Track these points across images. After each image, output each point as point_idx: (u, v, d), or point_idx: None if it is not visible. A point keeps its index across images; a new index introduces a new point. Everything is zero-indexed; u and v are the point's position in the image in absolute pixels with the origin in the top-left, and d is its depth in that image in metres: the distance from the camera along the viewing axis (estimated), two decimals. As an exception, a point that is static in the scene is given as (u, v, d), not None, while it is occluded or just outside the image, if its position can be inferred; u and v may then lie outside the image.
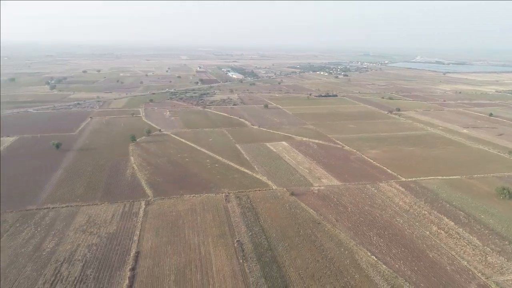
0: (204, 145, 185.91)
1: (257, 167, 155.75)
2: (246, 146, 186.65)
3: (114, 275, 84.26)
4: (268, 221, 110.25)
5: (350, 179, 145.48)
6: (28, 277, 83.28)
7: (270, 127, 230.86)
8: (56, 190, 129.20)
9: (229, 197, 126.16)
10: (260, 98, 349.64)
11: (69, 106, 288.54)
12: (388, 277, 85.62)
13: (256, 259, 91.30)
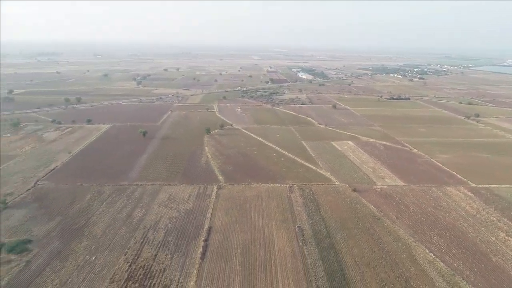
0: (271, 140, 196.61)
1: (321, 163, 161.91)
2: (311, 143, 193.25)
3: (190, 243, 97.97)
4: (329, 212, 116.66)
5: (415, 180, 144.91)
6: (122, 236, 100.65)
7: (336, 126, 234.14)
8: (143, 170, 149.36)
9: (292, 188, 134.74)
10: (329, 99, 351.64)
11: (152, 100, 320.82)
12: (444, 274, 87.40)
13: (315, 244, 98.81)
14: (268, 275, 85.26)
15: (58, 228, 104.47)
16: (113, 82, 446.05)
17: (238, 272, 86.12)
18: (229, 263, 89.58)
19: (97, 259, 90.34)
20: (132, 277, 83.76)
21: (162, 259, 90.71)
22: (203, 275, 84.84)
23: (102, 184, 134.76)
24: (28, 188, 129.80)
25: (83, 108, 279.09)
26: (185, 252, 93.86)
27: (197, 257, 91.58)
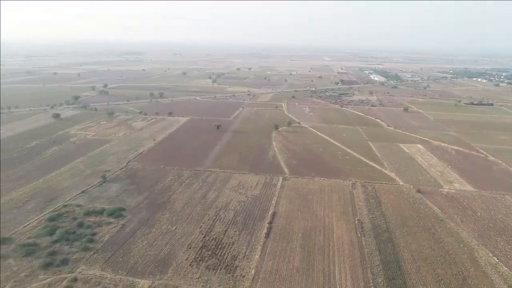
0: (337, 139, 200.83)
1: (387, 163, 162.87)
2: (378, 144, 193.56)
3: (256, 224, 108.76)
4: (390, 210, 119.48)
5: (486, 187, 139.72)
6: (198, 213, 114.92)
7: (406, 129, 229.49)
8: (217, 159, 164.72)
9: (355, 185, 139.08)
10: (400, 102, 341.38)
11: (226, 97, 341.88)
12: (507, 278, 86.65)
13: (373, 236, 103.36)
14: (326, 258, 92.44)
15: (145, 201, 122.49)
16: (191, 80, 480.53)
17: (298, 252, 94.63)
18: (290, 244, 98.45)
19: (177, 228, 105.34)
20: (205, 246, 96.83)
21: (231, 235, 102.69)
22: (266, 251, 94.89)
23: (181, 168, 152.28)
24: (122, 167, 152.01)
25: (165, 102, 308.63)
26: (251, 231, 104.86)
27: (261, 236, 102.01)
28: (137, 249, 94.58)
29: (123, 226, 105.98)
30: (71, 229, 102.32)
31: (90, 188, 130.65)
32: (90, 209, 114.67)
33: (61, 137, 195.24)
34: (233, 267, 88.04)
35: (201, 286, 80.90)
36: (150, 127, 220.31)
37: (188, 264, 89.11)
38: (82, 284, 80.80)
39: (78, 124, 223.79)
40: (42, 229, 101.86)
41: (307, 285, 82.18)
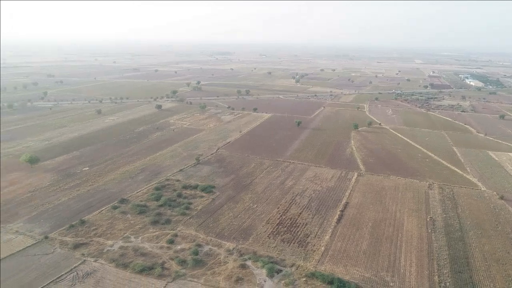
0: (418, 142, 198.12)
1: (470, 169, 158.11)
2: (463, 150, 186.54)
3: (329, 211, 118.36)
4: (466, 212, 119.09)
5: None
6: (276, 196, 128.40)
7: (499, 137, 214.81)
8: (295, 152, 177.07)
9: (432, 186, 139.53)
10: (497, 108, 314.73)
11: (308, 97, 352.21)
12: None
13: (444, 233, 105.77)
14: (393, 246, 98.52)
15: (232, 182, 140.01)
16: (275, 79, 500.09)
17: (366, 238, 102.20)
18: (360, 231, 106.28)
19: (257, 207, 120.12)
20: (281, 223, 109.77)
21: (305, 217, 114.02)
22: (336, 234, 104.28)
23: (263, 158, 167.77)
24: (212, 153, 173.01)
25: (251, 99, 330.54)
26: (324, 216, 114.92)
27: (333, 221, 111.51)
28: (224, 219, 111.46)
29: (213, 200, 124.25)
30: (172, 198, 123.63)
31: (186, 168, 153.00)
32: (187, 184, 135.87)
33: (163, 124, 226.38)
34: (305, 243, 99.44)
35: (276, 253, 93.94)
36: (236, 121, 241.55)
37: (266, 235, 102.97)
38: (181, 239, 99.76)
39: (176, 115, 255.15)
40: (151, 195, 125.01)
41: (372, 265, 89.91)
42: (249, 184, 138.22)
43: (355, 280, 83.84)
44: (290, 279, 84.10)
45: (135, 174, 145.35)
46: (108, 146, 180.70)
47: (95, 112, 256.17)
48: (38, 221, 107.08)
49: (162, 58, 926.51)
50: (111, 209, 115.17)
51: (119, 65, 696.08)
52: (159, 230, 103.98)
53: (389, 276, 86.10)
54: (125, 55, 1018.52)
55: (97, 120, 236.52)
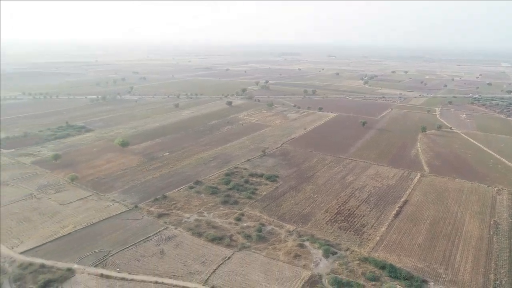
0: (492, 148, 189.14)
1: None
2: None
3: (387, 206, 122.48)
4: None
5: None
6: (336, 189, 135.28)
7: None
8: (358, 150, 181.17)
9: (501, 192, 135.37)
10: None
11: (375, 98, 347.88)
12: None
13: (508, 237, 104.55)
14: (450, 243, 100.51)
15: (294, 174, 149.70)
16: (343, 80, 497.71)
17: (423, 233, 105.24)
18: (417, 226, 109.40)
19: (318, 197, 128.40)
20: (340, 213, 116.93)
21: (363, 209, 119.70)
22: (393, 227, 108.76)
23: (325, 154, 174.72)
24: (277, 147, 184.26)
25: (317, 98, 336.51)
26: (381, 210, 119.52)
27: (390, 215, 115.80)
28: (286, 205, 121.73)
29: (276, 188, 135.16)
30: (240, 183, 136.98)
31: (253, 158, 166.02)
32: (253, 172, 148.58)
33: (233, 119, 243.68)
34: (361, 232, 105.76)
35: (333, 238, 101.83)
36: (302, 119, 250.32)
37: (324, 222, 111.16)
38: (247, 218, 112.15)
39: (245, 111, 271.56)
40: (221, 180, 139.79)
41: (426, 257, 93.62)
42: (310, 177, 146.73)
43: (407, 269, 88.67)
44: (344, 261, 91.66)
45: (208, 161, 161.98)
46: (184, 136, 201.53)
47: (173, 106, 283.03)
48: (129, 193, 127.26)
49: (232, 58, 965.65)
50: (188, 189, 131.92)
51: (193, 64, 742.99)
52: (228, 209, 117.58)
53: (442, 269, 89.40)
54: (198, 55, 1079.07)
55: (175, 113, 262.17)
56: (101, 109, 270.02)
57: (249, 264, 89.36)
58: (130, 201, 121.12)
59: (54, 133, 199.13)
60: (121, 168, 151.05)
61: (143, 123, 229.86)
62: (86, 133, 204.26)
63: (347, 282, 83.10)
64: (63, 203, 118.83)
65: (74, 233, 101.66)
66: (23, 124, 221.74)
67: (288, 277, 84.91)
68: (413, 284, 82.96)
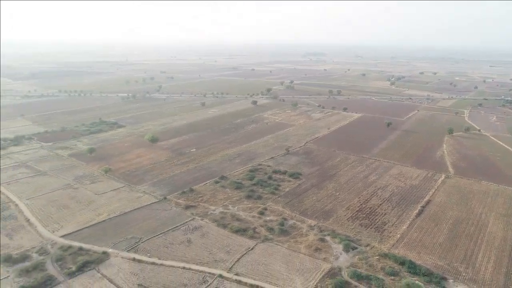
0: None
1: None
2: None
3: (409, 205, 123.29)
4: None
5: None
6: (358, 188, 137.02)
7: None
8: (382, 150, 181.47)
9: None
10: None
11: (402, 99, 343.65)
12: None
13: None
14: (472, 243, 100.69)
15: (317, 172, 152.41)
16: (369, 81, 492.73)
17: (444, 232, 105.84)
18: (439, 226, 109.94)
19: (340, 195, 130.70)
20: (361, 211, 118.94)
21: (385, 208, 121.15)
22: (414, 226, 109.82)
23: (349, 153, 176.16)
24: (300, 146, 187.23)
25: (341, 99, 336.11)
26: (403, 209, 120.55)
27: (412, 215, 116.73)
28: (308, 201, 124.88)
29: (299, 185, 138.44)
30: (264, 179, 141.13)
31: (277, 156, 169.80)
32: (276, 169, 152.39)
33: (257, 118, 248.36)
34: (382, 229, 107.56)
35: (353, 234, 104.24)
36: (326, 119, 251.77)
37: (345, 218, 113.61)
38: (270, 212, 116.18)
39: (269, 110, 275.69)
40: (245, 176, 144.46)
41: (446, 256, 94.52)
42: (333, 175, 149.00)
43: (427, 265, 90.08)
44: (363, 256, 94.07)
45: (233, 157, 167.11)
46: (211, 133, 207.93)
47: (200, 104, 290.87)
48: (158, 186, 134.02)
49: (257, 58, 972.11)
50: (213, 183, 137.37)
51: (219, 64, 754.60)
52: (251, 203, 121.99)
53: (462, 267, 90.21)
54: (223, 55, 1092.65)
55: (201, 111, 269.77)
56: (131, 107, 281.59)
57: (271, 255, 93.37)
58: (160, 193, 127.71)
59: (88, 128, 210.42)
60: (151, 162, 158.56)
61: (171, 120, 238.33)
62: (118, 129, 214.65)
63: (366, 276, 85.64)
64: (98, 193, 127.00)
65: (108, 221, 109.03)
66: (60, 119, 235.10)
67: (309, 269, 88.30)
68: (432, 280, 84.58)
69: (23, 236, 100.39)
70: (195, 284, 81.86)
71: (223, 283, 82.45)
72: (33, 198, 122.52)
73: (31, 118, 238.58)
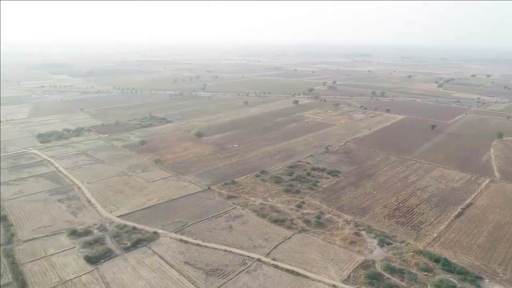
0: None
1: None
2: None
3: (449, 207, 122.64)
4: None
5: None
6: (397, 187, 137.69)
7: None
8: (424, 152, 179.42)
9: None
10: None
11: (449, 102, 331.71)
12: None
13: None
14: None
15: (355, 171, 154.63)
16: (415, 83, 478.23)
17: (484, 235, 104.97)
18: (479, 228, 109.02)
19: (377, 193, 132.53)
20: (398, 209, 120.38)
21: (423, 208, 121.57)
22: (452, 226, 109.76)
23: (389, 154, 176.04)
24: (340, 145, 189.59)
25: (385, 100, 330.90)
26: (442, 210, 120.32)
27: (451, 216, 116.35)
28: (345, 198, 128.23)
29: (337, 182, 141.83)
30: (302, 175, 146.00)
31: (316, 154, 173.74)
32: (315, 166, 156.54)
33: (298, 117, 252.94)
34: (418, 228, 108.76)
35: (389, 230, 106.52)
36: (367, 119, 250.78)
37: (382, 216, 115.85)
38: (307, 205, 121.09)
39: (311, 110, 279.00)
40: (285, 171, 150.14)
41: (484, 257, 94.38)
42: (372, 174, 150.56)
43: (463, 264, 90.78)
44: (398, 251, 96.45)
45: (273, 154, 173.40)
46: (252, 131, 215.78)
47: (242, 103, 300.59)
48: (203, 177, 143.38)
49: (301, 59, 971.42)
50: (254, 177, 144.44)
51: (263, 64, 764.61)
52: (290, 197, 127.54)
53: (500, 269, 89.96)
54: (267, 55, 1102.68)
55: (244, 110, 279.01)
56: (178, 104, 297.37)
57: (307, 245, 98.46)
58: (204, 183, 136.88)
59: (140, 123, 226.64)
60: (196, 155, 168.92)
61: (215, 118, 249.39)
62: (166, 124, 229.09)
63: (400, 269, 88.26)
64: (149, 181, 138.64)
65: (158, 205, 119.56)
66: (114, 114, 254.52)
67: (343, 259, 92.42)
68: (467, 278, 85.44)
69: (85, 214, 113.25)
70: (236, 265, 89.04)
71: (261, 266, 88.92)
72: (93, 182, 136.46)
73: (89, 112, 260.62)
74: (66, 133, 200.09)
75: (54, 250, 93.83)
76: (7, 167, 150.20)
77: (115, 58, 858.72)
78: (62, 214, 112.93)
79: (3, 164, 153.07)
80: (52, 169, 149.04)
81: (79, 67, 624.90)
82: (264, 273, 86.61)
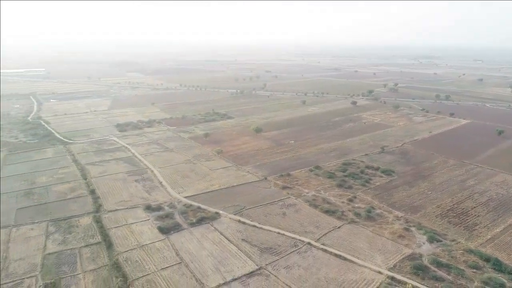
0: None
1: None
2: None
3: (507, 212, 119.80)
4: None
5: None
6: (453, 190, 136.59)
7: None
8: (487, 158, 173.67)
9: None
10: None
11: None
12: None
13: None
14: None
15: (411, 171, 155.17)
16: (486, 87, 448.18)
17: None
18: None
19: (431, 194, 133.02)
20: (452, 210, 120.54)
21: (479, 211, 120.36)
22: (509, 230, 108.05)
23: (448, 157, 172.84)
24: (397, 146, 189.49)
25: (449, 104, 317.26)
26: (500, 214, 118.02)
27: (510, 220, 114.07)
28: (397, 196, 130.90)
29: (390, 181, 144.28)
30: (355, 172, 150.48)
31: (371, 154, 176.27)
32: (369, 165, 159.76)
33: (355, 118, 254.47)
34: (471, 229, 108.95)
35: (440, 229, 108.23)
36: (428, 122, 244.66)
37: (434, 215, 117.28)
38: (359, 200, 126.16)
39: (369, 111, 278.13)
40: (338, 167, 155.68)
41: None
42: (427, 176, 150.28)
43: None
44: (447, 248, 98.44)
45: (328, 151, 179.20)
46: (309, 129, 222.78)
47: (300, 102, 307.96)
48: (260, 168, 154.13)
49: (362, 60, 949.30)
50: (308, 171, 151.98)
51: (322, 65, 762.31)
52: (342, 191, 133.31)
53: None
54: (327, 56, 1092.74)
55: (301, 109, 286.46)
56: (239, 101, 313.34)
57: (356, 235, 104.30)
58: (261, 174, 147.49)
59: (203, 117, 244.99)
60: (254, 149, 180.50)
61: (273, 115, 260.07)
62: (227, 120, 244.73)
63: (447, 264, 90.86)
64: (211, 169, 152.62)
65: (219, 190, 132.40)
66: (181, 109, 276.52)
67: (390, 250, 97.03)
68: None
69: (157, 193, 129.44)
70: (287, 246, 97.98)
71: (311, 249, 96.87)
72: (163, 167, 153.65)
73: (159, 106, 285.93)
74: (140, 124, 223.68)
75: (133, 220, 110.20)
76: (93, 150, 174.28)
77: (176, 57, 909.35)
78: (138, 191, 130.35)
79: (90, 147, 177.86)
80: (129, 154, 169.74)
81: (146, 65, 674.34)
82: (314, 255, 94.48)
